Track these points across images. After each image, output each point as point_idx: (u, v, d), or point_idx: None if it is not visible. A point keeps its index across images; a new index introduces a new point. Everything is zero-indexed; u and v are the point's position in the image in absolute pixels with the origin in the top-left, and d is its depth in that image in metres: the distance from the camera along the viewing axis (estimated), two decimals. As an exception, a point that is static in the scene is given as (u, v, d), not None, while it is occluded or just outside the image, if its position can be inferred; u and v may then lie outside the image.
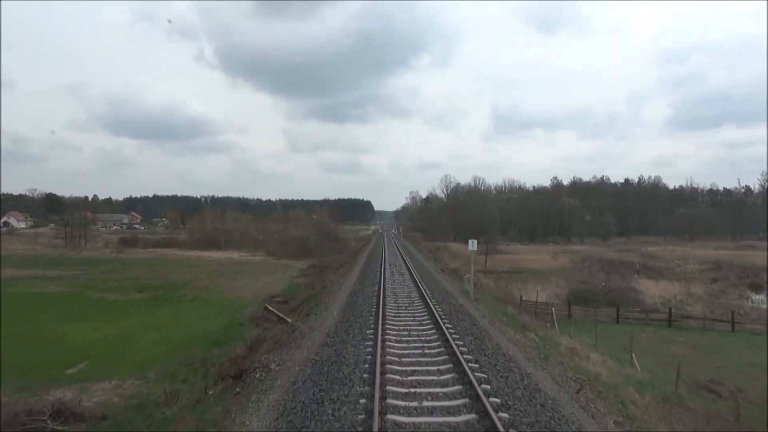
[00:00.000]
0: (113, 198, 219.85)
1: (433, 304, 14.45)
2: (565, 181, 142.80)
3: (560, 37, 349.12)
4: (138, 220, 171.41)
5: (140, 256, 75.48)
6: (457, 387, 7.88)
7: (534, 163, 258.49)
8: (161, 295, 37.50)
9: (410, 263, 33.10)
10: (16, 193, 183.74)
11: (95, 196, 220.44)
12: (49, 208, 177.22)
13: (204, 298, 36.12)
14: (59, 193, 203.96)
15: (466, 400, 7.33)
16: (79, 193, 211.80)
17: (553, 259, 64.53)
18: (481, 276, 49.32)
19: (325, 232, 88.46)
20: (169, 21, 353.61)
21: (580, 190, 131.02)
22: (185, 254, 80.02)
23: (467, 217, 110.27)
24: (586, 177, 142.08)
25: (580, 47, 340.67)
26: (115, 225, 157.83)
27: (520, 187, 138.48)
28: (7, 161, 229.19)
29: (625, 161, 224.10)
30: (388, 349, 9.94)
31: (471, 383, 7.69)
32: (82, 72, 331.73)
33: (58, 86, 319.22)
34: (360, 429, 6.35)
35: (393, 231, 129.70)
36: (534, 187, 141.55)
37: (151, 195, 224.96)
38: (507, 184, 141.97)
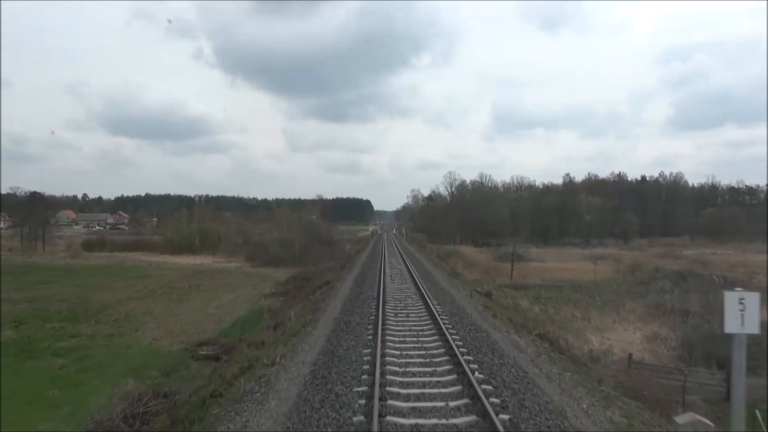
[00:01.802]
0: (104, 197, 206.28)
1: None
2: (578, 179, 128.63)
3: (562, 35, 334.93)
4: (125, 220, 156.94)
5: (94, 262, 61.21)
6: None
7: (534, 163, 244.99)
8: (32, 338, 23.15)
9: (425, 286, 19.08)
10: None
11: (84, 195, 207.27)
12: (32, 207, 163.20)
13: (95, 345, 21.81)
14: (57, 193, 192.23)
15: None
16: (77, 193, 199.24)
17: (593, 268, 50.40)
18: (516, 295, 35.20)
19: (316, 233, 74.18)
20: (169, 21, 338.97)
21: (597, 187, 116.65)
22: (150, 259, 65.76)
23: (476, 217, 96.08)
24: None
25: (581, 46, 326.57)
26: (98, 225, 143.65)
27: (529, 184, 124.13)
28: (5, 161, 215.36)
29: (625, 161, 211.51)
30: None
31: None
32: (80, 71, 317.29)
33: (56, 86, 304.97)
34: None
35: (394, 232, 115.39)
36: (544, 184, 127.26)
37: (143, 194, 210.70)
38: (515, 182, 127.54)
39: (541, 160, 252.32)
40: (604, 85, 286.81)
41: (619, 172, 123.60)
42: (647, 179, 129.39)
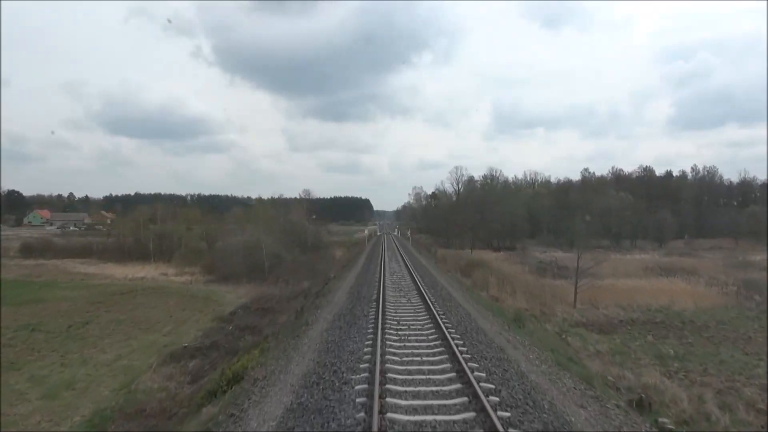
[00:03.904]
0: (96, 197, 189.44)
1: None
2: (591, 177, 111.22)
3: (563, 34, 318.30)
4: (108, 221, 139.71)
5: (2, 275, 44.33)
6: None
7: (535, 162, 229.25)
8: None
9: None
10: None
11: (71, 194, 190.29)
12: (11, 206, 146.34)
13: None
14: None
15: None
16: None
17: (684, 287, 33.73)
18: (618, 348, 18.39)
19: (301, 237, 57.32)
20: (169, 21, 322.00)
21: (621, 183, 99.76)
22: (84, 270, 48.84)
23: (490, 217, 79.04)
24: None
25: (583, 45, 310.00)
26: (74, 225, 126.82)
27: (546, 180, 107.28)
28: (5, 161, 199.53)
29: (625, 161, 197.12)
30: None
31: None
32: (78, 70, 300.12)
33: (54, 85, 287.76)
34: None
35: (395, 233, 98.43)
36: (559, 180, 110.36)
37: (132, 193, 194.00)
38: (528, 177, 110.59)
39: (542, 160, 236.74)
40: (605, 84, 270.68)
41: (646, 166, 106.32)
42: (673, 174, 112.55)
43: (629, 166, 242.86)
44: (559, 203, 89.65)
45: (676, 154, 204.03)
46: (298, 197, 75.89)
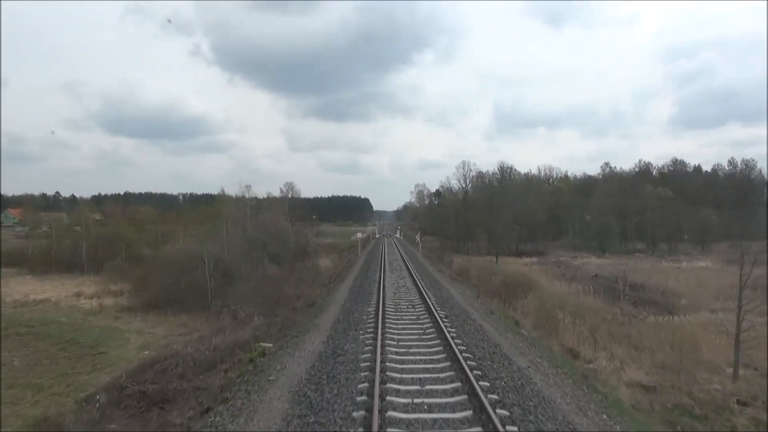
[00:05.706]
0: (80, 196, 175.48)
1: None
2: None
3: (565, 32, 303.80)
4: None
5: None
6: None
7: (535, 162, 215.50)
8: None
9: None
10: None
11: (57, 193, 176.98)
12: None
13: None
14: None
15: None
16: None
17: None
18: None
19: (281, 241, 43.60)
20: (169, 21, 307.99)
21: (654, 179, 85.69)
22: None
23: (510, 217, 65.17)
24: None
25: (585, 44, 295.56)
26: (49, 227, 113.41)
27: (565, 175, 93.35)
28: (4, 161, 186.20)
29: (626, 161, 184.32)
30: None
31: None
32: (77, 70, 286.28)
33: (53, 85, 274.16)
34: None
35: (397, 235, 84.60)
36: (576, 176, 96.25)
37: (122, 192, 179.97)
38: (543, 174, 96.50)
39: (543, 160, 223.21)
40: (606, 83, 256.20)
41: (679, 160, 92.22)
42: (702, 170, 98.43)
43: (629, 166, 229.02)
44: (585, 201, 75.86)
45: (677, 154, 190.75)
46: (280, 193, 61.71)
